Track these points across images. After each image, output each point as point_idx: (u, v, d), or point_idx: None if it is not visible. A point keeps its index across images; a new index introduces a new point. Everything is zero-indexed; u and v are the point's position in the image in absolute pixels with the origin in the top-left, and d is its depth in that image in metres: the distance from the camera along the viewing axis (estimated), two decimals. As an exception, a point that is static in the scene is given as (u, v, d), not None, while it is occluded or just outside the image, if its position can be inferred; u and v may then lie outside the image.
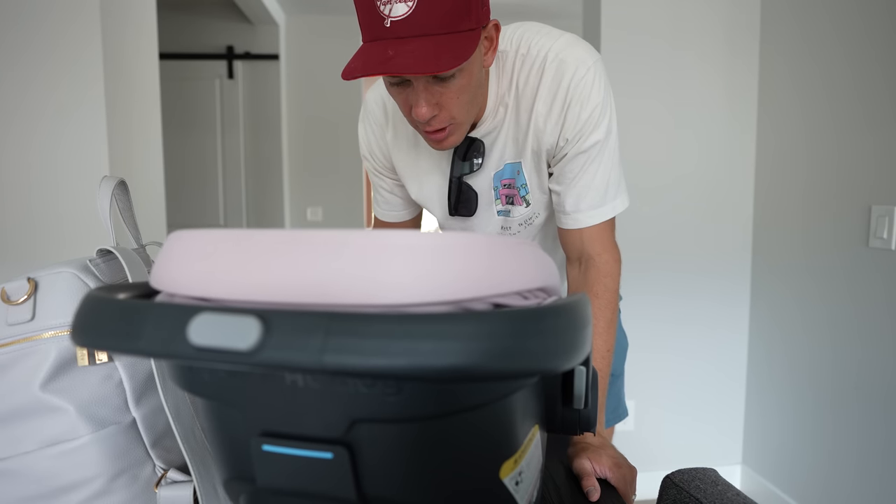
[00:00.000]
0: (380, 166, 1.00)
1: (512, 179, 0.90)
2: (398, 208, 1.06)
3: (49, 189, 1.71)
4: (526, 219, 0.95)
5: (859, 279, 1.65)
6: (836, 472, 1.75)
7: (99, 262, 0.58)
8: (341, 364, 0.25)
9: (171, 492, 0.56)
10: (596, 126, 0.82)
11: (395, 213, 1.06)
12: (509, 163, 0.89)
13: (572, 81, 0.80)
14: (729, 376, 2.18)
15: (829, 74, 1.76)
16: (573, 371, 0.42)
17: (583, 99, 0.81)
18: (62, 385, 0.53)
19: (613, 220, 0.90)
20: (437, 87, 0.72)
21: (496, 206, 0.94)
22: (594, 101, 0.81)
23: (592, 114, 0.81)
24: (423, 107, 0.72)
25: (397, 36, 0.66)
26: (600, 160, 0.85)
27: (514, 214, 0.94)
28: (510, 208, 0.94)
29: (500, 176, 0.91)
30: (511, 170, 0.90)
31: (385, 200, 1.05)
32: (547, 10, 3.71)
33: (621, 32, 2.00)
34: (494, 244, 0.32)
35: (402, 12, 0.64)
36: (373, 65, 0.66)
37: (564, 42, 0.81)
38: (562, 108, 0.81)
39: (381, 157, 0.99)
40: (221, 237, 0.32)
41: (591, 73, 0.80)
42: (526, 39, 0.83)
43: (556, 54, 0.80)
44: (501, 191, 0.92)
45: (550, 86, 0.81)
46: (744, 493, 0.64)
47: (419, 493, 0.33)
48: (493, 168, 0.90)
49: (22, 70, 1.67)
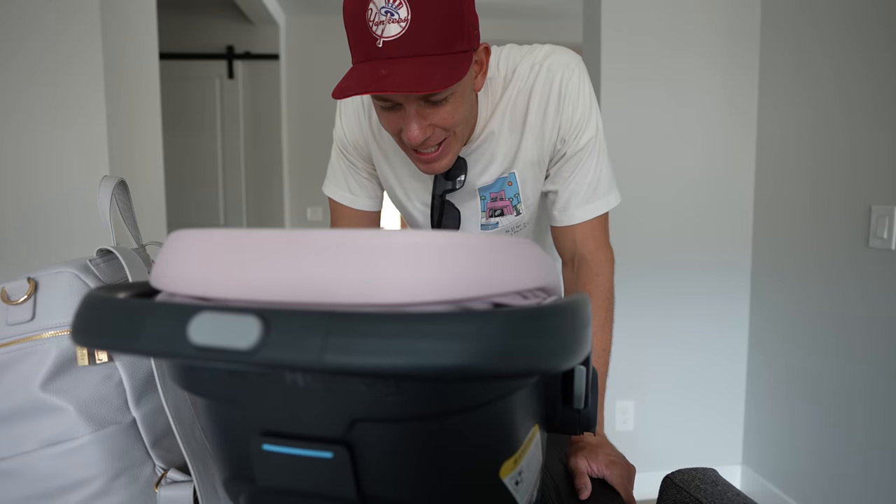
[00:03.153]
0: (355, 151, 0.96)
1: (501, 191, 0.92)
2: (373, 195, 0.99)
3: (49, 189, 1.71)
4: (514, 227, 0.96)
5: (859, 279, 1.65)
6: (836, 471, 1.75)
7: (99, 262, 0.58)
8: (341, 363, 0.25)
9: (171, 492, 0.56)
10: (587, 123, 0.85)
11: (369, 202, 0.99)
12: (499, 178, 0.90)
13: (561, 84, 0.83)
14: (729, 376, 2.18)
15: (829, 75, 1.76)
16: (573, 371, 0.42)
17: (573, 99, 0.83)
18: (62, 385, 0.53)
19: (607, 219, 0.91)
20: (429, 109, 0.71)
21: (480, 220, 0.95)
22: (584, 100, 0.84)
23: (584, 112, 0.84)
24: (415, 130, 0.72)
25: (389, 56, 0.65)
26: (592, 157, 0.87)
27: (502, 224, 0.95)
28: (498, 220, 0.95)
29: (487, 189, 0.92)
30: (501, 182, 0.91)
31: (360, 186, 0.98)
32: (547, 11, 3.70)
33: (621, 33, 2.00)
34: (494, 244, 0.32)
35: (395, 33, 0.64)
36: (366, 83, 0.65)
37: (546, 52, 0.84)
38: (556, 111, 0.84)
39: (359, 145, 0.95)
40: (221, 237, 0.32)
41: (576, 75, 0.83)
42: (511, 62, 0.85)
43: (540, 64, 0.83)
44: (489, 204, 0.93)
45: (542, 93, 0.83)
46: (744, 493, 0.64)
47: (419, 493, 0.33)
48: (477, 184, 0.91)
49: (22, 70, 1.67)
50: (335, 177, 0.99)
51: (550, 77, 0.83)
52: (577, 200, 0.88)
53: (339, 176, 0.98)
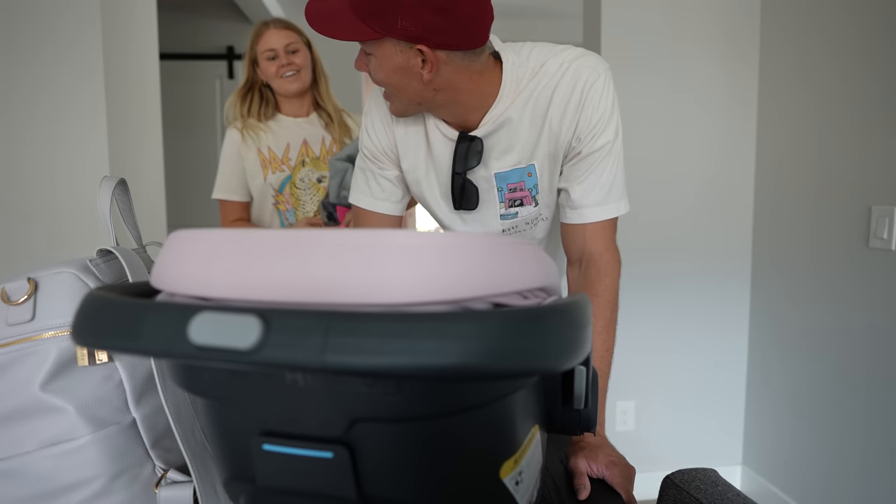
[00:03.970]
0: (383, 156, 0.99)
1: (521, 182, 0.94)
2: (395, 199, 1.03)
3: (49, 189, 1.71)
4: (533, 218, 0.99)
5: (859, 279, 1.65)
6: (836, 472, 1.75)
7: (99, 262, 0.58)
8: (342, 363, 0.25)
9: (171, 492, 0.56)
10: (606, 128, 0.88)
11: (391, 205, 1.03)
12: (518, 167, 0.93)
13: (585, 85, 0.86)
14: (729, 376, 2.18)
15: (829, 74, 1.76)
16: (573, 371, 0.42)
17: (595, 102, 0.86)
18: (62, 385, 0.53)
19: (616, 223, 0.93)
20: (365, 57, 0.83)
21: (500, 210, 0.97)
22: (605, 104, 0.87)
23: (603, 116, 0.87)
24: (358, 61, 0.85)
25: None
26: (608, 161, 0.90)
27: (522, 214, 0.98)
28: (518, 210, 0.97)
29: (504, 179, 0.94)
30: (520, 173, 0.94)
31: (381, 189, 1.02)
32: (547, 11, 3.70)
33: (621, 33, 2.00)
34: (495, 244, 0.32)
35: None
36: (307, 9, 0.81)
37: (577, 53, 0.88)
38: (576, 110, 0.87)
39: (387, 148, 0.99)
40: (222, 237, 0.32)
41: (601, 80, 0.87)
42: (542, 57, 0.88)
43: (569, 64, 0.87)
44: (507, 194, 0.96)
45: (565, 91, 0.86)
46: (744, 493, 0.64)
47: (419, 493, 0.33)
48: (495, 168, 0.93)
49: (22, 70, 1.67)
50: (358, 185, 1.03)
51: (576, 77, 0.86)
52: (590, 201, 0.90)
53: (362, 182, 1.02)
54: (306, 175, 1.60)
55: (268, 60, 1.54)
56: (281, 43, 1.53)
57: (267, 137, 1.59)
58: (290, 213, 1.61)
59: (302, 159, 1.60)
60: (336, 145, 1.65)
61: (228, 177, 1.61)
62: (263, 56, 1.54)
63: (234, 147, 1.59)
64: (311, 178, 1.60)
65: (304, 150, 1.61)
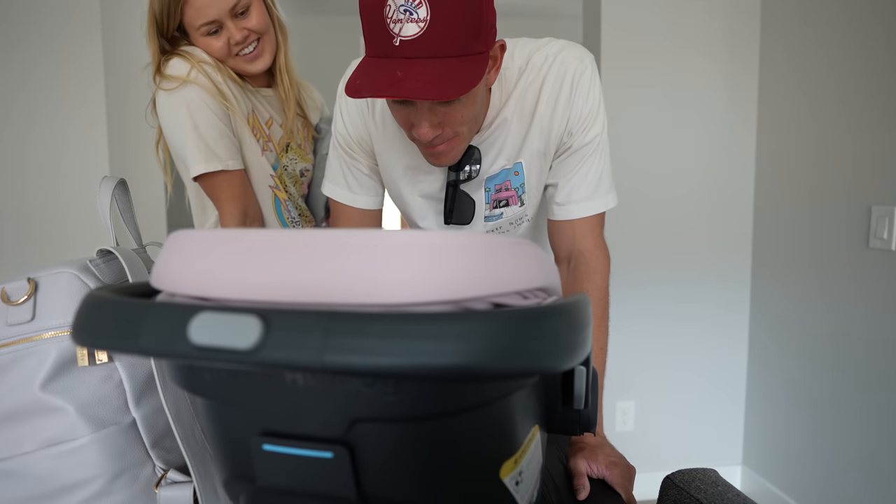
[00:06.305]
0: (357, 146, 0.93)
1: (507, 181, 0.92)
2: (374, 192, 0.97)
3: (49, 189, 1.71)
4: (517, 218, 0.96)
5: (859, 279, 1.65)
6: (836, 472, 1.75)
7: (99, 263, 0.58)
8: (342, 363, 0.25)
9: (171, 492, 0.56)
10: (595, 120, 0.86)
11: (370, 199, 0.97)
12: (505, 168, 0.90)
13: (574, 77, 0.84)
14: (729, 376, 2.18)
15: (829, 75, 1.76)
16: (573, 371, 0.42)
17: (584, 93, 0.84)
18: (62, 385, 0.53)
19: (603, 218, 0.91)
20: (442, 108, 0.71)
21: (484, 211, 0.95)
22: (593, 96, 0.85)
23: (592, 108, 0.85)
24: (426, 128, 0.71)
25: (405, 56, 0.63)
26: (597, 154, 0.88)
27: (507, 215, 0.95)
28: (503, 210, 0.95)
29: (491, 179, 0.92)
30: (506, 173, 0.91)
31: (358, 182, 0.95)
32: (547, 11, 3.70)
33: (621, 32, 2.00)
34: (494, 244, 0.32)
35: (413, 32, 0.62)
36: (382, 87, 0.64)
37: (561, 46, 0.86)
38: (567, 104, 0.85)
39: (360, 139, 0.93)
40: (222, 237, 0.32)
41: (588, 71, 0.85)
42: (526, 53, 0.85)
43: (555, 57, 0.84)
44: (493, 195, 0.93)
45: (553, 85, 0.84)
46: (744, 493, 0.64)
47: (419, 493, 0.33)
48: (487, 172, 0.91)
49: (22, 70, 1.67)
50: (334, 176, 0.97)
51: (563, 70, 0.84)
52: (579, 196, 0.88)
53: (338, 174, 0.96)
54: (290, 163, 1.18)
55: (208, 36, 1.03)
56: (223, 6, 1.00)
57: (255, 100, 1.14)
58: (290, 207, 1.18)
59: (287, 142, 1.17)
60: (308, 129, 1.25)
61: (214, 139, 1.04)
62: (199, 32, 1.02)
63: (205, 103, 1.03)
64: (294, 169, 1.19)
65: None
